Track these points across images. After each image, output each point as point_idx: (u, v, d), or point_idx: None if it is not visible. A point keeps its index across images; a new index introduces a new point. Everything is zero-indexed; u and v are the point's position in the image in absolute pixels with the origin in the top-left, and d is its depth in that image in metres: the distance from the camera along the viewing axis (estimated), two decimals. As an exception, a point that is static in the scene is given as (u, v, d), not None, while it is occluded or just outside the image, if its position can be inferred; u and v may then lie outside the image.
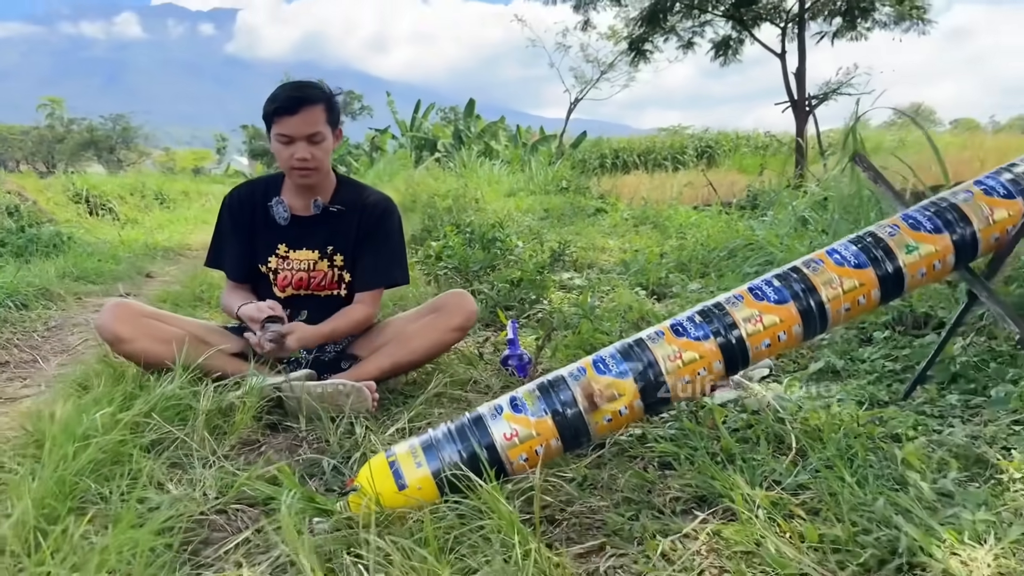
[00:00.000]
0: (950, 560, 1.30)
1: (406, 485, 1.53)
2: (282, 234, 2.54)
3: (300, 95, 2.35)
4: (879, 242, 1.71)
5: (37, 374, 2.93)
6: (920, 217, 1.74)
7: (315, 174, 2.45)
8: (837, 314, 1.69)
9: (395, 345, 2.49)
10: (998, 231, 1.74)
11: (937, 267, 1.72)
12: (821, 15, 11.67)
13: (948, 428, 1.94)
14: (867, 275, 1.68)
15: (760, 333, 1.66)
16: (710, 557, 1.38)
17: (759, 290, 1.70)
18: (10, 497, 1.40)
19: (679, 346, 1.65)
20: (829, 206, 4.95)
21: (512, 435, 1.58)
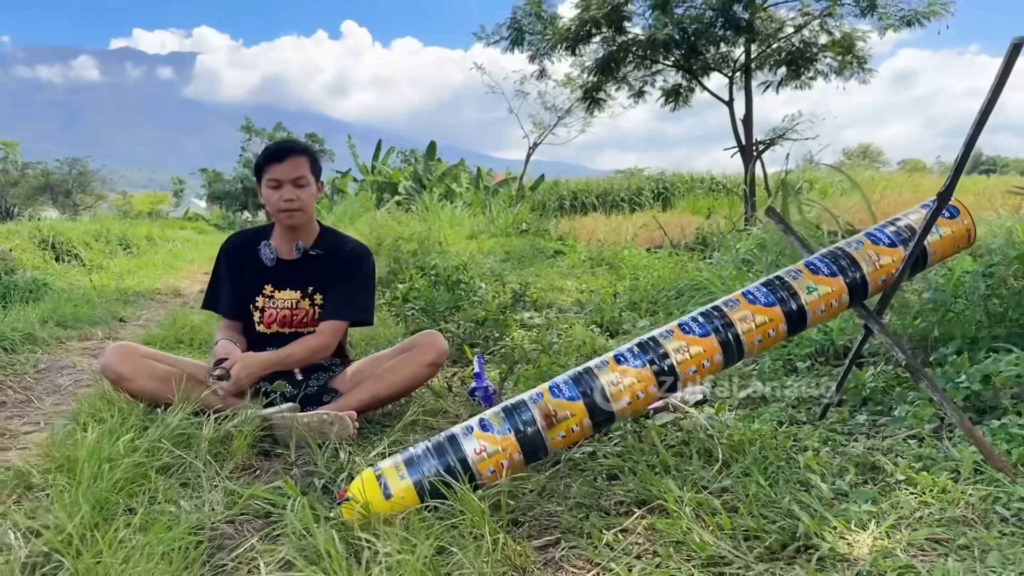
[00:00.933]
0: (838, 542, 1.61)
1: (391, 495, 1.80)
2: (268, 275, 2.86)
3: (288, 145, 2.81)
4: (785, 284, 2.05)
5: (34, 412, 3.14)
6: (819, 263, 2.09)
7: (300, 215, 2.78)
8: (751, 344, 2.01)
9: (373, 380, 2.77)
10: (884, 274, 2.09)
11: (834, 305, 2.06)
12: (767, 65, 12.27)
13: (853, 442, 2.27)
14: (775, 312, 2.01)
15: (688, 361, 1.97)
16: (646, 545, 1.68)
17: (687, 325, 2.02)
18: (59, 506, 1.65)
19: (620, 372, 1.95)
20: (767, 248, 5.35)
21: (481, 451, 1.87)
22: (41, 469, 2.02)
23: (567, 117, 19.99)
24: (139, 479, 1.95)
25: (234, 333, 2.87)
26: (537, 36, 13.17)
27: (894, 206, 10.60)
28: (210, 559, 1.66)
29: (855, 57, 12.02)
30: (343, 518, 1.76)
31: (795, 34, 11.75)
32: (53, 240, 9.88)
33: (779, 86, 12.69)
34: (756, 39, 11.61)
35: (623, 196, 27.31)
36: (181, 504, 1.88)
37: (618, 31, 12.10)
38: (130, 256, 11.51)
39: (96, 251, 10.76)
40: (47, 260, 9.26)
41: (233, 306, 2.90)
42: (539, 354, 3.35)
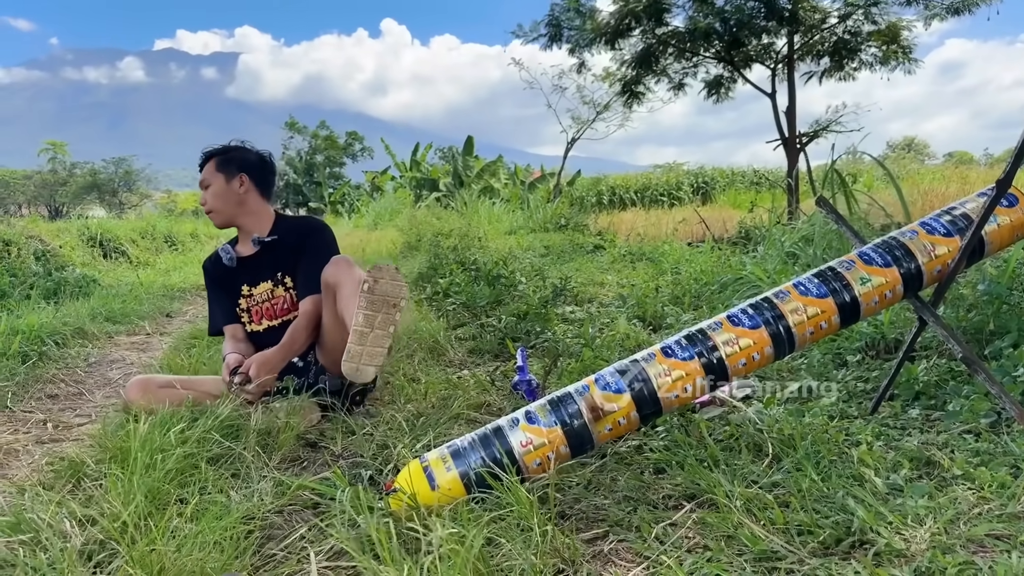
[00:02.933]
0: (894, 537, 1.57)
1: (438, 486, 1.80)
2: (239, 276, 3.00)
3: (204, 153, 3.03)
4: (838, 275, 2.00)
5: (86, 405, 3.21)
6: (872, 253, 2.04)
7: (214, 216, 2.98)
8: (803, 336, 1.97)
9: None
10: (939, 264, 2.03)
11: (888, 296, 2.01)
12: (810, 56, 12.07)
13: (906, 437, 2.22)
14: (828, 303, 1.97)
15: (737, 354, 1.94)
16: (696, 539, 1.65)
17: (736, 317, 1.99)
18: (114, 495, 1.68)
19: (668, 365, 1.93)
20: (813, 241, 5.26)
21: (527, 443, 1.86)
22: (95, 459, 2.06)
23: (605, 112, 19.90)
24: (189, 469, 1.98)
25: (239, 342, 2.96)
26: (575, 31, 13.12)
27: (941, 199, 10.37)
28: (260, 549, 1.68)
29: (900, 47, 11.77)
30: (390, 509, 1.76)
31: (839, 24, 11.53)
32: (101, 238, 10.09)
33: (822, 77, 12.48)
34: (799, 29, 11.43)
35: (662, 191, 27.17)
36: (231, 494, 1.90)
37: (658, 23, 12.00)
38: (175, 253, 11.71)
39: (142, 248, 10.97)
40: (95, 257, 9.46)
41: (228, 316, 3.02)
42: (582, 348, 3.33)
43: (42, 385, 3.48)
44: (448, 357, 3.69)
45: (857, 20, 11.62)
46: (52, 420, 2.92)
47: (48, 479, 2.08)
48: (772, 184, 17.27)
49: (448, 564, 1.40)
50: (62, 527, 1.64)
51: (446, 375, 3.32)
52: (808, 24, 11.48)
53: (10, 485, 2.12)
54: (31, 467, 2.31)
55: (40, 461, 2.33)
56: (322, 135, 39.30)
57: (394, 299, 2.44)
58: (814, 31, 11.67)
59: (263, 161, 3.05)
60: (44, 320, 4.37)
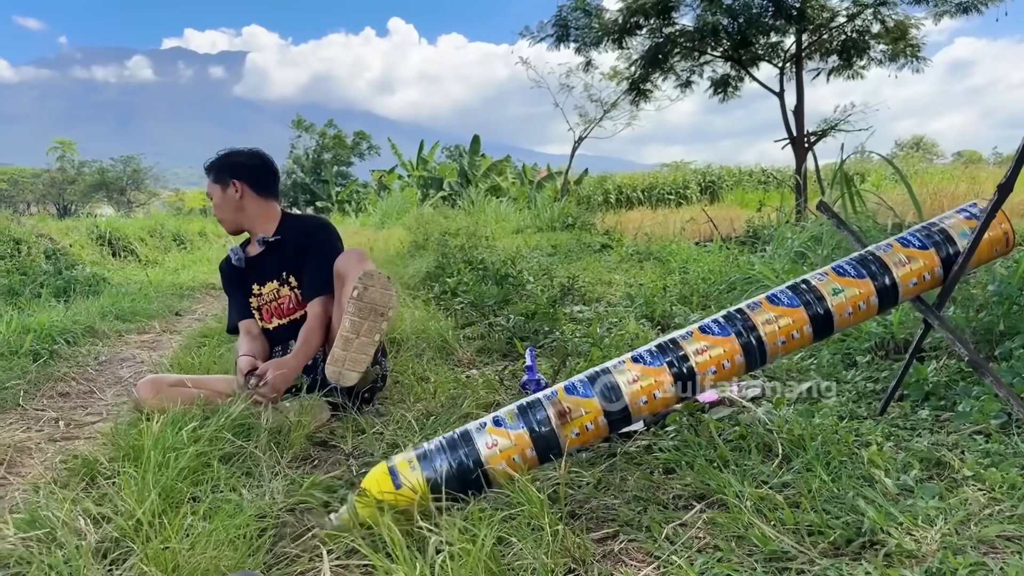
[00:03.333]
0: (905, 538, 1.57)
1: (402, 485, 1.78)
2: (248, 276, 3.05)
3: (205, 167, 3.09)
4: (811, 287, 2.00)
5: (97, 403, 3.23)
6: (846, 265, 2.04)
7: (224, 224, 3.07)
8: (774, 346, 1.97)
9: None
10: (915, 277, 2.02)
11: (863, 308, 2.01)
12: (818, 54, 12.04)
13: (916, 438, 2.22)
14: (799, 314, 1.97)
15: (707, 361, 1.94)
16: (706, 539, 1.66)
17: (707, 327, 1.99)
18: (127, 493, 1.69)
19: (638, 371, 1.93)
20: (823, 241, 5.26)
21: (493, 445, 1.84)
22: (108, 457, 2.07)
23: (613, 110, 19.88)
24: (202, 468, 1.99)
25: (254, 339, 3.00)
26: (582, 30, 13.11)
27: (950, 199, 10.33)
28: (273, 547, 1.69)
29: (909, 46, 11.73)
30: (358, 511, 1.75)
31: (848, 23, 11.50)
32: (110, 236, 10.13)
33: (830, 75, 12.44)
34: (807, 28, 11.40)
35: (669, 190, 27.14)
36: (243, 493, 1.92)
37: (665, 21, 11.99)
38: (184, 251, 11.75)
39: (151, 247, 11.01)
40: (104, 256, 9.51)
41: (243, 313, 3.08)
42: (590, 348, 3.34)
43: (53, 383, 3.50)
44: (457, 356, 3.70)
45: (866, 19, 11.59)
46: (64, 418, 2.94)
47: (62, 477, 2.10)
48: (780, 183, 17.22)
49: (459, 563, 1.40)
50: (77, 525, 1.65)
51: (455, 374, 3.33)
52: (816, 22, 11.45)
53: (25, 483, 2.14)
54: (44, 465, 2.33)
55: (53, 459, 2.34)
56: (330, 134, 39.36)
57: (382, 308, 2.46)
58: (822, 29, 11.64)
59: (255, 161, 3.06)
60: (55, 318, 4.40)
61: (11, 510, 1.87)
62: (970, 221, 2.05)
